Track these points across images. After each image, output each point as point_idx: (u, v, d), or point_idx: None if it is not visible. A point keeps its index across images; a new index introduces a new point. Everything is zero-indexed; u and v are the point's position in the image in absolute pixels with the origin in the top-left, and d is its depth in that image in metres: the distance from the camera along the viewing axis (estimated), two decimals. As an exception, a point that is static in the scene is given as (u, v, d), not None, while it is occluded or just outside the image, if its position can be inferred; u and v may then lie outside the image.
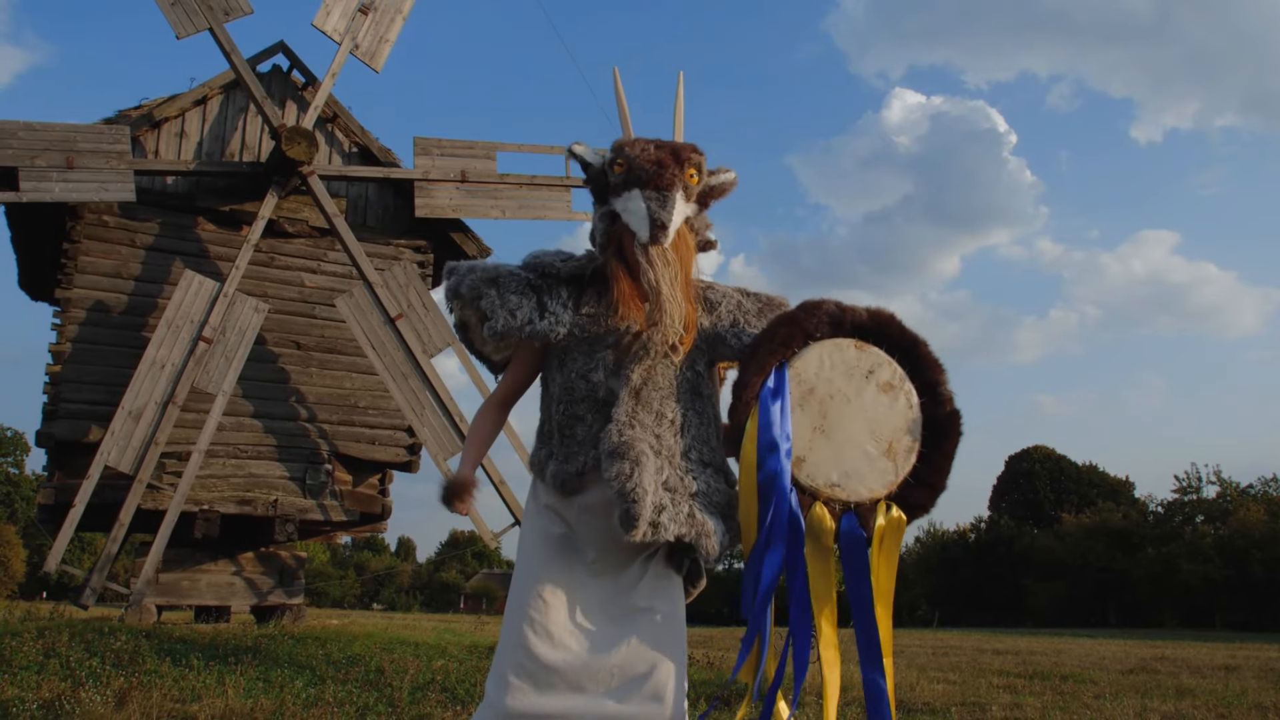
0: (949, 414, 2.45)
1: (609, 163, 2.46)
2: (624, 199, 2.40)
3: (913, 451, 2.42)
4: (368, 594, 67.64)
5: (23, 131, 10.42)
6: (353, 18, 11.70)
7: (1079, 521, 51.24)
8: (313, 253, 12.23)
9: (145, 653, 7.50)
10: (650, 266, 2.35)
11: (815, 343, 2.48)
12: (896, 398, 2.45)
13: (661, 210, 2.35)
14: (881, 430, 2.42)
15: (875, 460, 2.41)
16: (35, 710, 5.31)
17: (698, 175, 2.47)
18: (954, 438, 2.45)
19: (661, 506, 2.34)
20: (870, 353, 2.48)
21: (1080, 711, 7.34)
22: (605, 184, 2.47)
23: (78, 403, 10.82)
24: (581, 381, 2.43)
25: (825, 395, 2.43)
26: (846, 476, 2.40)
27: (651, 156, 2.40)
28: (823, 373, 2.45)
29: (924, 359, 2.50)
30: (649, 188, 2.37)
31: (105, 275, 11.16)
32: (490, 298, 2.45)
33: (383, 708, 6.09)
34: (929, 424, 2.45)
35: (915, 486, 2.42)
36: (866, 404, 2.43)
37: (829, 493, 2.39)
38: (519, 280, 2.48)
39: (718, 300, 2.60)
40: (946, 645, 19.02)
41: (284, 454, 11.72)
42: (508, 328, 2.43)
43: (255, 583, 12.04)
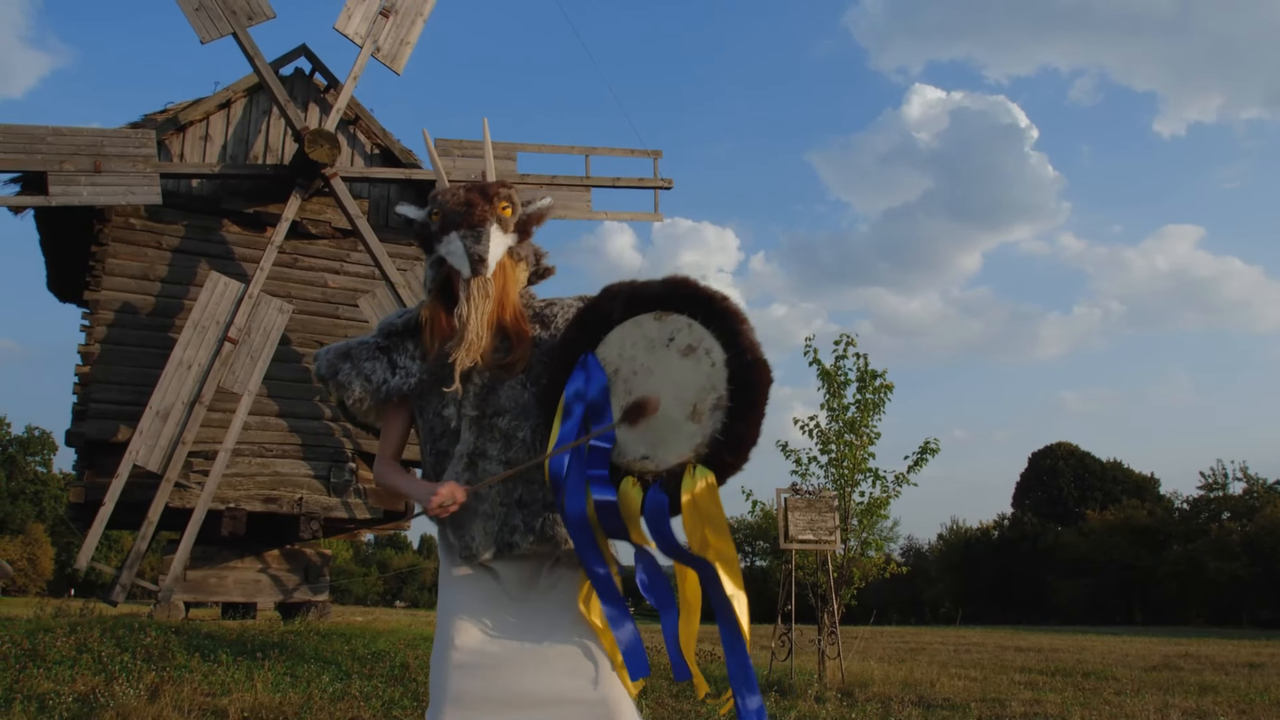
0: (752, 363, 2.35)
1: (427, 214, 2.58)
2: (445, 243, 2.51)
3: (719, 408, 2.33)
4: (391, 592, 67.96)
5: (51, 136, 10.59)
6: (374, 21, 11.81)
7: (1103, 518, 50.90)
8: (335, 254, 12.36)
9: (175, 648, 7.63)
10: (467, 300, 2.46)
11: (616, 326, 2.49)
12: (699, 359, 2.38)
13: (476, 245, 2.46)
14: (685, 394, 2.37)
15: (681, 425, 2.36)
16: (70, 703, 5.43)
17: (510, 206, 2.59)
18: (759, 386, 2.33)
19: (514, 527, 2.48)
20: (669, 320, 2.44)
21: (1100, 708, 7.36)
22: (429, 234, 2.58)
23: (106, 403, 10.99)
24: (437, 419, 2.56)
25: (629, 373, 2.44)
26: (654, 447, 2.37)
27: (460, 198, 2.52)
28: (624, 352, 2.46)
29: (724, 313, 2.40)
30: (463, 227, 2.48)
31: (133, 277, 11.33)
32: (345, 371, 2.60)
33: (408, 702, 6.18)
34: (735, 377, 2.35)
35: (723, 443, 2.33)
36: (671, 372, 2.40)
37: (640, 466, 2.38)
38: (368, 348, 2.63)
39: (553, 314, 2.66)
40: (969, 642, 18.99)
41: (309, 452, 11.86)
42: (364, 391, 2.58)
43: (281, 579, 12.19)
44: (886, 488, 9.19)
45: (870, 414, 9.22)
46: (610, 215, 13.42)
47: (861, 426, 9.20)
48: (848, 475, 9.14)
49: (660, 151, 13.19)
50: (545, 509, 2.52)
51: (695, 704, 6.83)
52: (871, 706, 6.98)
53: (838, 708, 6.87)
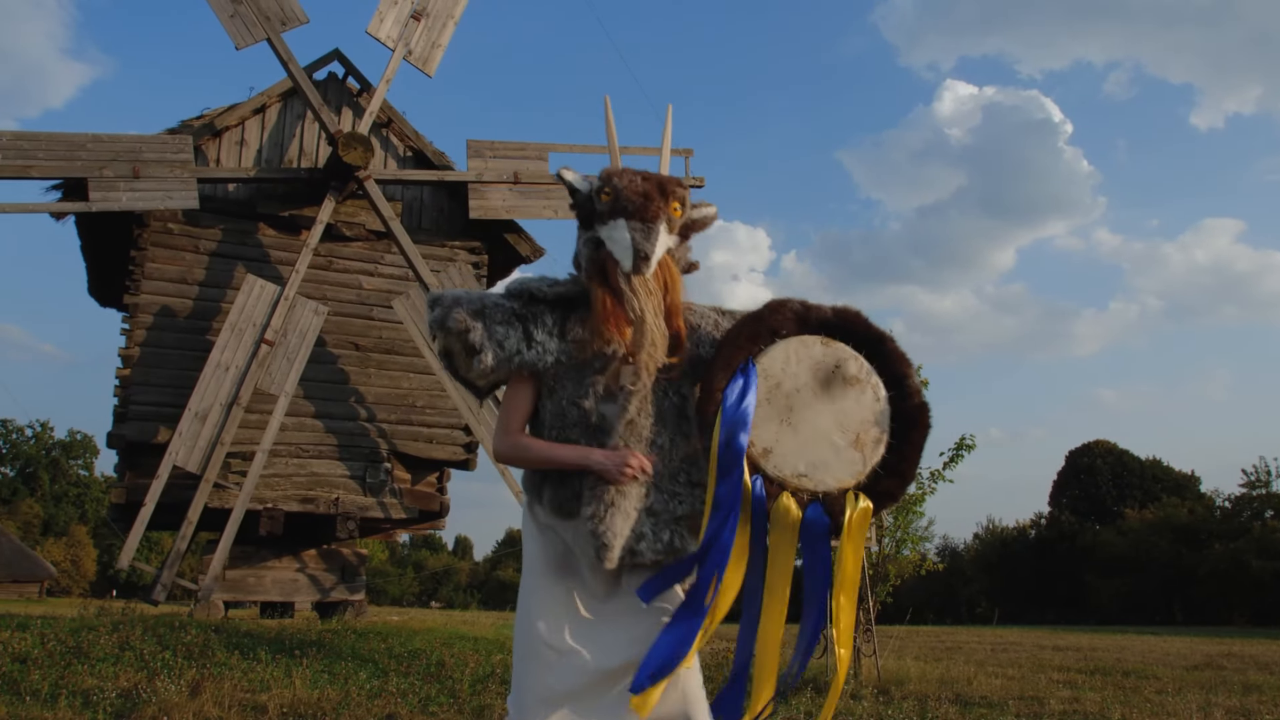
0: (917, 406, 2.49)
1: (596, 190, 2.49)
2: (609, 227, 2.45)
3: (881, 442, 2.46)
4: (426, 592, 68.40)
5: (91, 143, 10.77)
6: (405, 24, 11.90)
7: (1143, 517, 50.24)
8: (370, 255, 12.46)
9: (215, 646, 7.73)
10: (634, 294, 2.41)
11: (781, 340, 2.53)
12: (863, 391, 2.49)
13: (645, 241, 2.40)
14: (848, 423, 2.46)
15: (843, 451, 2.45)
16: (114, 698, 5.52)
17: (681, 208, 2.52)
18: (922, 429, 2.48)
19: (641, 535, 2.44)
20: (836, 348, 2.52)
21: (1141, 706, 7.26)
22: (592, 210, 2.50)
23: (146, 405, 11.15)
24: (572, 407, 2.49)
25: (791, 389, 2.48)
26: (814, 467, 2.44)
27: (638, 188, 2.44)
28: (789, 368, 2.50)
29: (891, 353, 2.54)
30: (634, 219, 2.41)
31: (171, 281, 11.49)
32: (477, 331, 2.48)
33: (445, 699, 6.22)
34: (897, 416, 2.49)
35: (884, 476, 2.45)
36: (834, 398, 2.48)
37: (796, 483, 2.43)
38: (504, 310, 2.52)
39: (697, 323, 2.63)
40: (1006, 642, 18.82)
41: (345, 453, 11.97)
42: (497, 360, 2.48)
43: (318, 579, 12.31)
44: (922, 484, 9.13)
45: (905, 411, 9.15)
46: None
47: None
48: (882, 472, 9.08)
49: (691, 150, 13.19)
50: (674, 521, 2.49)
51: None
52: (908, 704, 6.94)
53: (874, 705, 6.84)
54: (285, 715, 5.45)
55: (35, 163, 10.48)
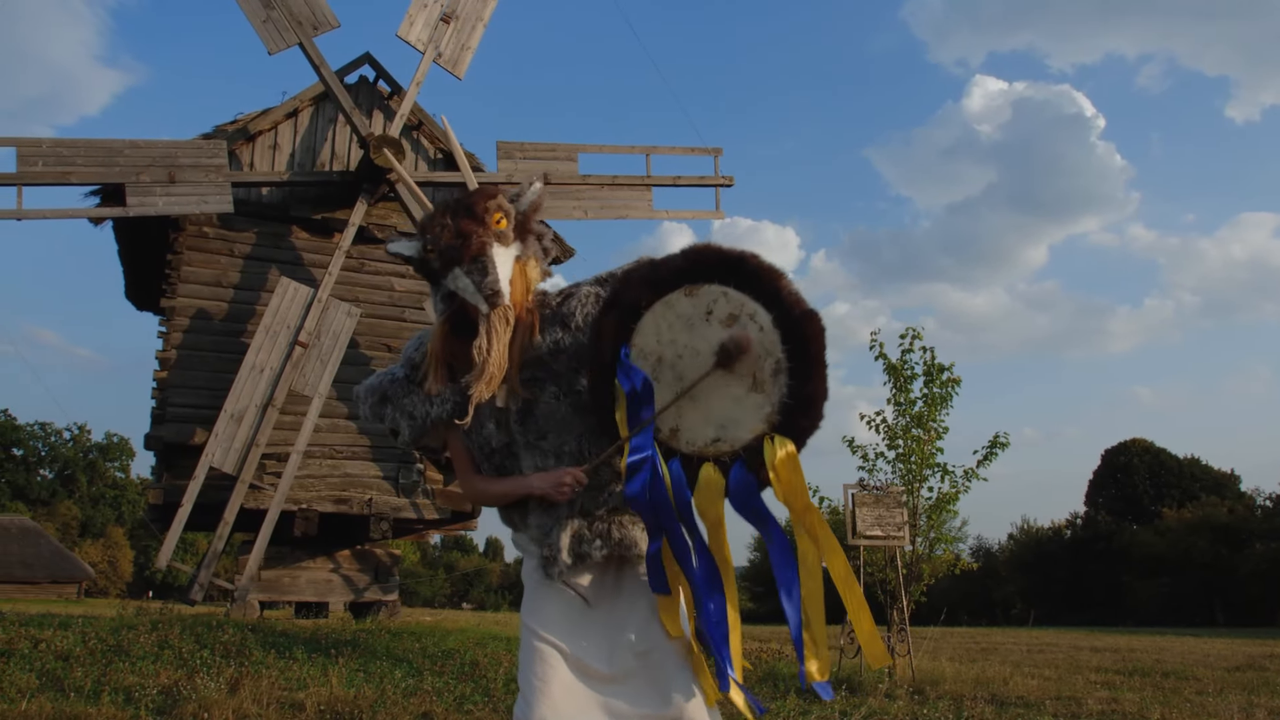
0: (800, 315, 2.24)
1: (423, 251, 2.49)
2: (451, 279, 2.44)
3: (780, 371, 2.25)
4: (457, 593, 68.73)
5: (128, 149, 10.91)
6: (435, 27, 11.98)
7: (1181, 517, 49.58)
8: (401, 257, 12.52)
9: (251, 645, 7.81)
10: (488, 334, 2.41)
11: (646, 312, 2.36)
12: (743, 325, 2.27)
13: (485, 279, 2.38)
14: (741, 366, 2.26)
15: (745, 399, 2.27)
16: (155, 695, 5.59)
17: (504, 216, 2.48)
18: (815, 338, 2.24)
19: (582, 537, 2.46)
20: (701, 293, 2.32)
21: (1181, 707, 7.17)
22: (431, 270, 2.50)
23: (183, 407, 11.28)
24: (480, 438, 2.55)
25: (674, 357, 2.33)
26: (724, 428, 2.29)
27: (450, 230, 2.42)
28: (663, 337, 2.34)
29: (757, 271, 2.29)
30: (465, 262, 2.40)
31: (206, 284, 11.62)
32: (389, 415, 2.62)
33: (479, 698, 6.25)
34: (788, 336, 2.25)
35: (794, 407, 2.24)
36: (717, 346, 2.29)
37: (714, 450, 2.29)
38: (401, 383, 2.62)
39: (572, 310, 2.54)
40: (1042, 643, 18.63)
41: (377, 454, 12.06)
42: (413, 429, 2.59)
43: (352, 579, 12.40)
44: (955, 483, 9.06)
45: (938, 408, 9.09)
46: (672, 214, 13.44)
47: (929, 421, 9.09)
48: (916, 470, 9.03)
49: (721, 149, 13.18)
50: (609, 514, 2.51)
51: (764, 700, 6.81)
52: (943, 704, 6.89)
53: (909, 705, 6.80)
54: (323, 713, 5.49)
55: (74, 169, 10.63)
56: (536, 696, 2.38)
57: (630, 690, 2.44)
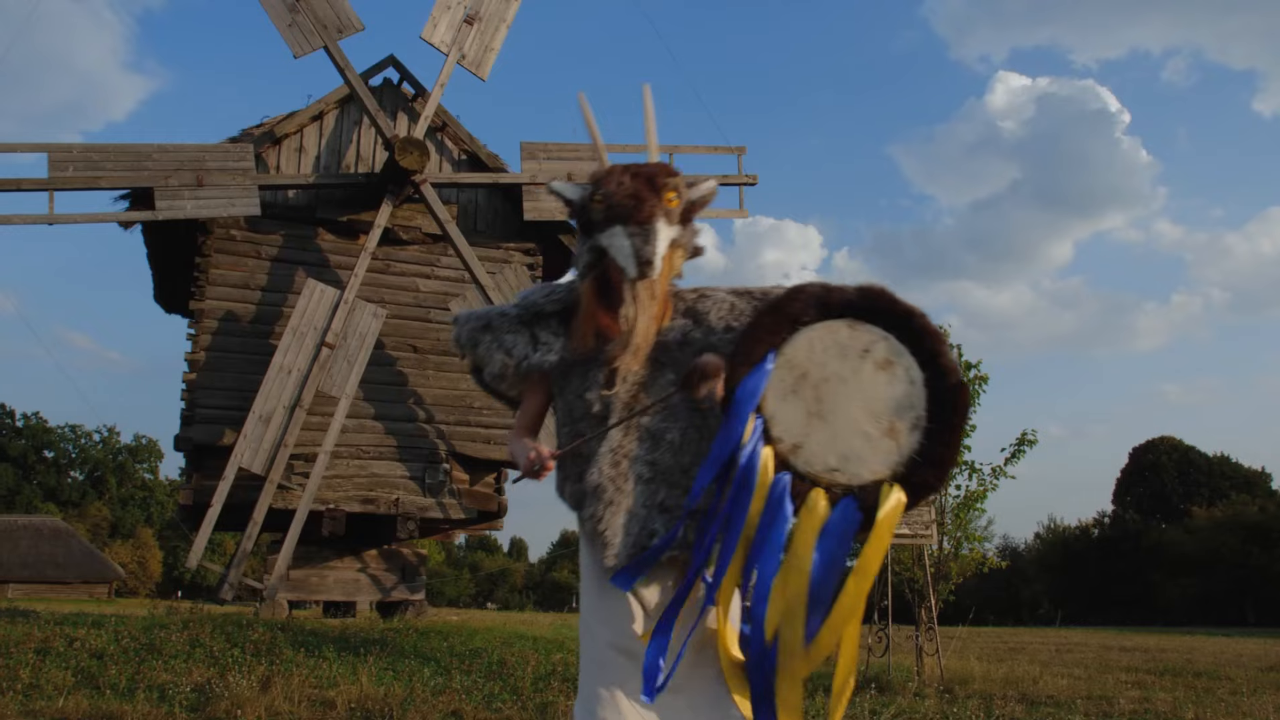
0: (953, 386, 2.30)
1: (589, 198, 2.46)
2: (608, 235, 2.41)
3: (917, 428, 2.29)
4: (482, 593, 68.98)
5: (156, 154, 11.03)
6: (459, 29, 12.03)
7: (1211, 515, 49.06)
8: (426, 258, 12.61)
9: (281, 644, 7.88)
10: (634, 302, 2.39)
11: (804, 328, 2.40)
12: (895, 374, 2.32)
13: (645, 246, 2.35)
14: (882, 409, 2.30)
15: (876, 441, 2.29)
16: (188, 692, 5.66)
17: (677, 196, 2.46)
18: (960, 411, 2.29)
19: (653, 531, 2.39)
20: (863, 330, 2.37)
21: (1215, 706, 7.11)
22: (589, 219, 2.48)
23: (212, 408, 11.39)
24: (579, 401, 2.49)
25: (819, 379, 2.35)
26: (846, 460, 2.30)
27: (628, 190, 2.39)
28: (814, 356, 2.37)
29: (922, 331, 2.35)
30: (630, 223, 2.37)
31: (234, 286, 11.73)
32: (485, 343, 2.58)
33: (507, 696, 6.28)
34: (934, 399, 2.31)
35: (922, 464, 2.28)
36: (864, 384, 2.33)
37: (829, 478, 2.30)
38: (510, 319, 2.58)
39: (707, 309, 2.55)
40: (1070, 643, 18.50)
41: (404, 454, 12.12)
42: (504, 367, 2.56)
43: (379, 579, 12.48)
44: (983, 481, 9.01)
45: (965, 406, 9.04)
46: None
47: (956, 419, 9.02)
48: (943, 468, 8.97)
49: (744, 148, 13.17)
50: (689, 516, 2.41)
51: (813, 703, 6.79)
52: (972, 703, 6.86)
53: (938, 704, 6.77)
54: (353, 711, 5.54)
55: (104, 173, 10.76)
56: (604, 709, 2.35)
57: (684, 703, 2.40)
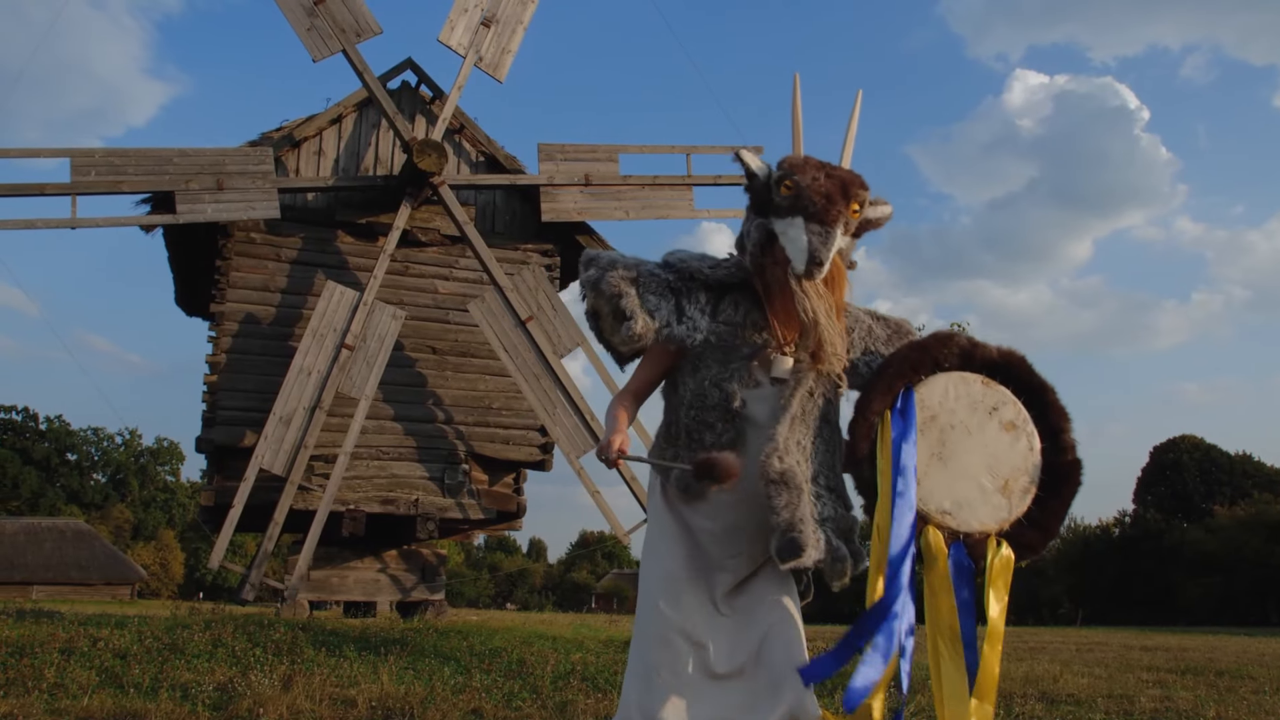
0: (1070, 462, 2.45)
1: (777, 181, 2.45)
2: (786, 223, 2.40)
3: (1029, 493, 2.42)
4: (501, 594, 69.16)
5: (177, 158, 11.13)
6: (476, 31, 12.08)
7: (1233, 514, 48.62)
8: (445, 260, 12.68)
9: (303, 643, 7.93)
10: (806, 296, 2.37)
11: (943, 373, 2.51)
12: (1018, 438, 2.45)
13: (822, 246, 2.34)
14: (999, 467, 2.42)
15: (990, 495, 2.40)
16: (211, 691, 5.71)
17: (860, 209, 2.48)
18: (1073, 486, 2.44)
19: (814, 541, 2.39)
20: (996, 390, 2.49)
21: (1237, 705, 7.05)
22: (768, 199, 2.46)
23: (233, 410, 11.49)
24: (715, 389, 2.44)
25: (947, 424, 2.45)
26: (958, 506, 2.40)
27: (822, 188, 2.39)
28: (946, 402, 2.47)
29: (1050, 405, 2.50)
30: (814, 221, 2.36)
31: (254, 289, 11.83)
32: (630, 297, 2.47)
33: (527, 694, 6.30)
34: (1049, 470, 2.45)
35: (1028, 528, 2.41)
36: (987, 439, 2.43)
37: (939, 519, 2.39)
38: (659, 281, 2.51)
39: (850, 326, 2.60)
40: (1091, 642, 18.39)
41: (423, 454, 12.19)
42: (646, 329, 2.46)
43: (399, 579, 12.55)
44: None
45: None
46: (713, 213, 13.46)
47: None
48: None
49: (761, 147, 13.13)
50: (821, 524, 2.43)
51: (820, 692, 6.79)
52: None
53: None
54: (374, 709, 5.57)
55: (125, 178, 10.86)
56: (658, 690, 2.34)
57: (743, 689, 2.40)
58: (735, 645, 2.43)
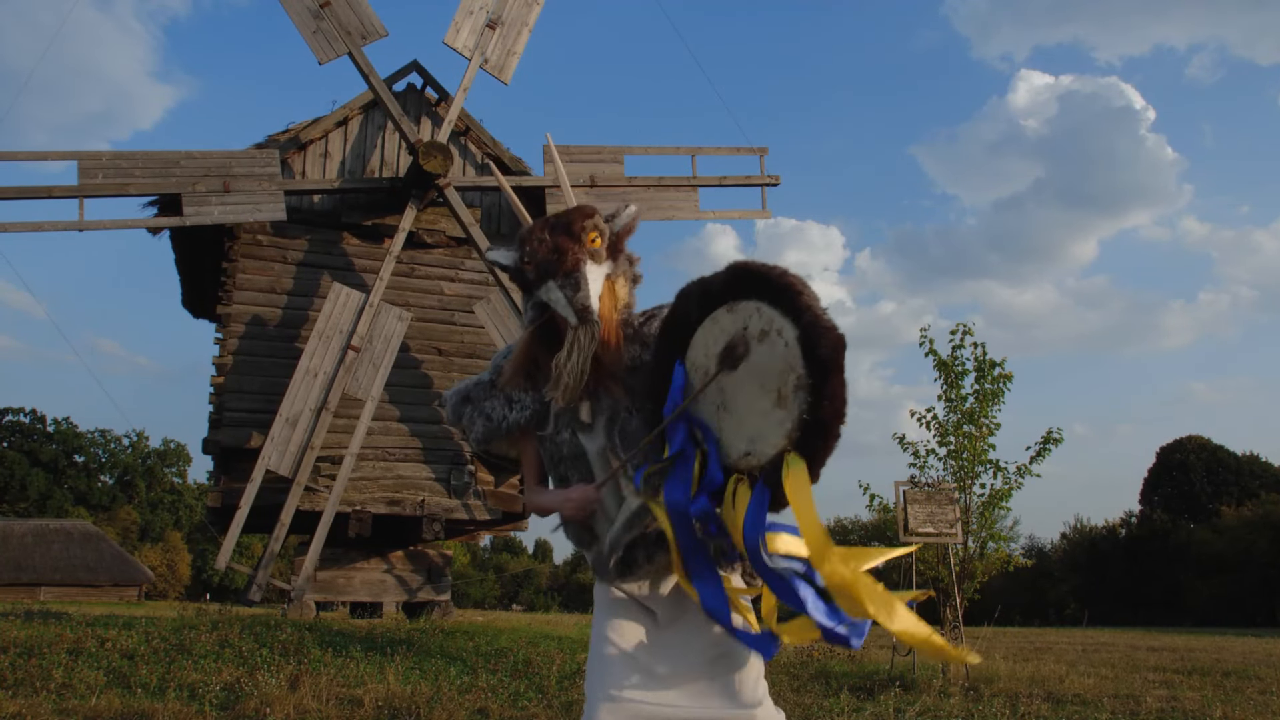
0: (814, 326, 2.20)
1: (519, 262, 2.56)
2: (544, 290, 2.50)
3: (801, 386, 2.21)
4: (507, 595, 69.11)
5: (184, 160, 11.17)
6: (481, 34, 12.11)
7: (1240, 515, 48.49)
8: (450, 261, 12.70)
9: (309, 644, 7.96)
10: (573, 346, 2.46)
11: (698, 328, 2.44)
12: (773, 341, 2.27)
13: (577, 293, 2.43)
14: (769, 381, 2.27)
15: (771, 413, 2.26)
16: (218, 691, 5.74)
17: (599, 235, 2.54)
18: (832, 350, 2.17)
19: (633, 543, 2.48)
20: (740, 308, 2.35)
21: (1244, 705, 7.06)
22: (525, 280, 2.57)
23: (240, 411, 11.51)
24: (554, 445, 2.59)
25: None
26: (753, 442, 2.30)
27: (548, 245, 2.49)
28: (710, 350, 2.39)
29: (784, 286, 2.28)
30: (558, 276, 2.46)
31: (261, 291, 11.86)
32: (468, 414, 2.69)
33: (533, 694, 6.32)
34: (809, 352, 2.21)
35: (811, 425, 2.20)
36: (751, 362, 2.31)
37: (746, 464, 2.31)
38: (484, 386, 2.70)
39: (649, 332, 2.63)
40: (1097, 643, 18.36)
41: (429, 456, 12.21)
42: (488, 430, 2.64)
43: (405, 580, 12.56)
44: (1008, 479, 8.98)
45: (989, 404, 9.02)
46: (718, 214, 13.48)
47: (980, 417, 9.01)
48: (968, 467, 8.96)
49: (766, 148, 13.17)
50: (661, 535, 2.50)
51: (817, 697, 6.81)
52: (998, 701, 6.85)
53: (963, 702, 6.76)
54: (380, 709, 5.59)
55: (133, 180, 10.90)
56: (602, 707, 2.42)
57: (696, 691, 2.47)
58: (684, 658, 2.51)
